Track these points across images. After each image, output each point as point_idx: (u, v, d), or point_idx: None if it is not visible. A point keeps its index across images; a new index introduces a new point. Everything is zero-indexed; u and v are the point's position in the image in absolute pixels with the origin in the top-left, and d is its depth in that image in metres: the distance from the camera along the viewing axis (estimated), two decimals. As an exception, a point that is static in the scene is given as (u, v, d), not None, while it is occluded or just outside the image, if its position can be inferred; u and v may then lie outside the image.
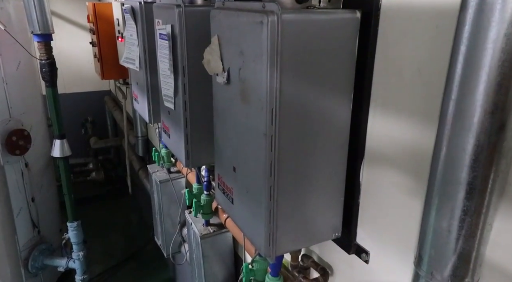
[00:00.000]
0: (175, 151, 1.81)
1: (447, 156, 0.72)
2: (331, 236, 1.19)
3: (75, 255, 3.22)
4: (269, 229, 1.06)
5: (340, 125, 1.05)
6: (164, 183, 2.73)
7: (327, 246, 1.35)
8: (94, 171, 5.91)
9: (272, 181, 1.01)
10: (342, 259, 1.28)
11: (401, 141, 0.98)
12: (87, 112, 6.16)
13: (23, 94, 3.11)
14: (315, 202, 1.11)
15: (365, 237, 1.17)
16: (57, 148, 2.85)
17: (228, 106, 1.17)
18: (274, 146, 0.98)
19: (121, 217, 5.33)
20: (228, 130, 1.20)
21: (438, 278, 0.79)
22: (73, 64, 6.21)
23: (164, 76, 1.73)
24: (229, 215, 1.31)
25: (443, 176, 0.74)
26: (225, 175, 1.27)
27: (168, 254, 2.92)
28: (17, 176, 3.08)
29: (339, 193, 1.14)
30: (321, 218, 1.14)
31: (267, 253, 1.09)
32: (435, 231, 0.78)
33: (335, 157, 1.09)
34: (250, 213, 1.13)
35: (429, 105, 0.88)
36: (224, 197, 1.30)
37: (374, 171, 1.09)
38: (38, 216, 3.37)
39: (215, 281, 2.17)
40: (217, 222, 2.13)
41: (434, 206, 0.77)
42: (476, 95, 0.65)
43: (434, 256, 0.79)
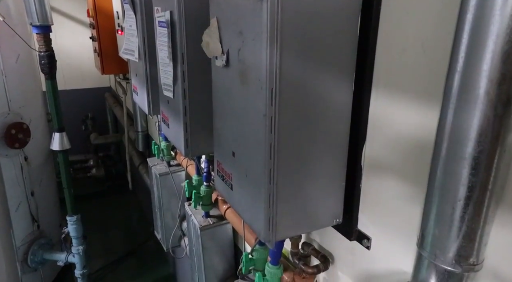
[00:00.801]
0: (174, 141, 1.79)
1: (452, 131, 0.70)
2: (332, 222, 1.17)
3: (75, 249, 3.21)
4: (268, 213, 1.04)
5: (341, 107, 1.03)
6: (163, 176, 2.71)
7: (327, 233, 1.33)
8: (94, 167, 5.90)
9: (272, 163, 0.99)
10: (343, 246, 1.26)
11: (405, 122, 0.96)
12: (88, 109, 6.15)
13: (22, 88, 3.09)
14: (316, 187, 1.09)
15: (366, 223, 1.15)
16: (56, 141, 2.83)
17: (227, 90, 1.15)
18: (273, 127, 0.96)
19: (121, 213, 5.32)
20: (227, 115, 1.18)
21: (442, 258, 0.77)
22: (74, 61, 6.20)
23: (163, 64, 1.71)
24: (228, 201, 1.29)
25: (448, 152, 0.72)
26: (224, 161, 1.25)
27: (168, 248, 2.90)
28: (17, 169, 3.07)
29: (340, 177, 1.12)
30: (321, 203, 1.12)
31: (266, 237, 1.07)
32: (439, 209, 0.76)
33: (336, 139, 1.07)
34: (250, 198, 1.11)
35: (434, 83, 0.86)
36: (224, 183, 1.28)
37: (376, 154, 1.07)
38: (37, 210, 3.36)
39: (214, 273, 2.15)
40: (217, 214, 2.11)
41: (438, 183, 0.75)
42: (482, 65, 0.63)
43: (438, 235, 0.77)
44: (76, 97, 6.19)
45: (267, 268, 1.37)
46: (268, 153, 0.98)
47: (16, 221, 3.16)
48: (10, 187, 3.04)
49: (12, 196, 3.08)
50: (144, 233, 4.66)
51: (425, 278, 0.82)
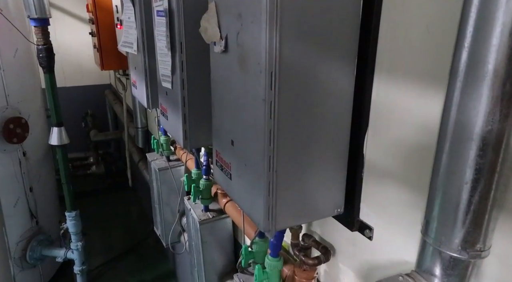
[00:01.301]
0: (173, 133, 1.77)
1: (458, 111, 0.67)
2: (333, 212, 1.14)
3: (74, 245, 3.18)
4: (268, 202, 1.01)
5: (343, 92, 1.00)
6: (163, 170, 2.68)
7: (328, 224, 1.30)
8: (94, 165, 5.88)
9: (271, 150, 0.96)
10: (344, 237, 1.23)
11: (409, 107, 0.93)
12: (88, 106, 6.12)
13: (21, 82, 3.07)
14: (317, 175, 1.06)
15: (368, 213, 1.12)
16: (54, 135, 2.81)
17: (226, 76, 1.12)
18: (273, 112, 0.93)
19: (121, 211, 5.30)
20: (226, 102, 1.15)
21: (447, 245, 0.74)
22: (74, 58, 6.18)
23: (161, 55, 1.69)
24: (227, 192, 1.26)
25: (454, 133, 0.69)
26: (223, 150, 1.22)
27: (168, 243, 2.87)
28: (15, 165, 3.05)
29: (341, 166, 1.09)
30: (322, 193, 1.10)
31: (266, 227, 1.04)
32: (445, 193, 0.73)
33: (337, 126, 1.04)
34: (249, 187, 1.08)
35: (439, 66, 0.83)
36: (222, 173, 1.26)
37: (379, 142, 1.05)
38: (36, 207, 3.34)
39: (214, 268, 2.12)
40: (216, 208, 2.09)
41: (443, 166, 0.72)
42: (492, 39, 0.60)
43: (443, 221, 0.74)
44: (76, 95, 6.18)
45: (267, 260, 1.35)
46: (268, 139, 0.96)
47: (15, 216, 3.14)
48: (8, 182, 3.02)
49: (11, 191, 3.06)
50: (144, 230, 4.64)
51: (430, 267, 0.80)
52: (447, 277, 0.76)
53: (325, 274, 1.37)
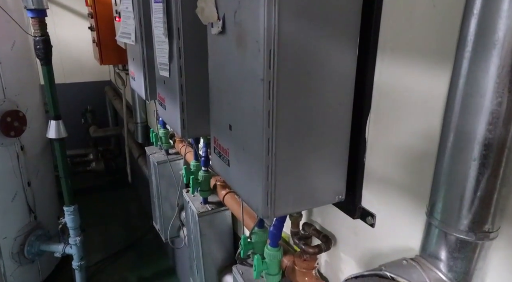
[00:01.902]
0: (171, 122, 1.73)
1: (466, 82, 0.64)
2: (334, 199, 1.11)
3: (72, 240, 3.15)
4: (267, 187, 0.98)
5: (345, 72, 0.97)
6: (162, 164, 2.65)
7: (329, 213, 1.27)
8: (94, 161, 5.85)
9: (270, 132, 0.93)
10: (345, 226, 1.20)
11: (413, 88, 0.90)
12: (87, 103, 6.10)
13: (18, 76, 3.04)
14: (317, 160, 1.03)
15: (371, 199, 1.09)
16: (52, 129, 2.78)
17: (224, 58, 1.09)
18: (272, 92, 0.90)
19: (120, 207, 5.28)
20: (224, 85, 1.11)
21: (454, 226, 0.71)
22: (73, 54, 6.15)
23: (159, 43, 1.66)
24: (225, 179, 1.23)
25: (462, 107, 0.66)
26: (221, 136, 1.19)
27: (167, 238, 2.84)
28: (13, 158, 3.02)
29: (343, 150, 1.06)
30: (323, 178, 1.06)
31: (265, 214, 1.01)
32: (451, 171, 0.69)
33: (338, 109, 1.01)
34: (247, 172, 1.05)
35: (445, 42, 0.79)
36: (220, 160, 1.22)
37: (382, 125, 1.01)
38: (34, 201, 3.31)
39: (213, 261, 2.09)
40: (215, 200, 2.05)
41: (450, 142, 0.69)
42: (502, 5, 0.57)
43: (450, 201, 0.70)
44: (76, 91, 6.15)
45: (266, 250, 1.31)
46: (267, 121, 0.92)
47: (12, 211, 3.11)
48: (6, 176, 2.99)
49: (8, 186, 3.03)
50: (143, 226, 4.61)
51: (435, 250, 0.76)
52: (454, 260, 0.73)
53: (326, 264, 1.34)
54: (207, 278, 2.12)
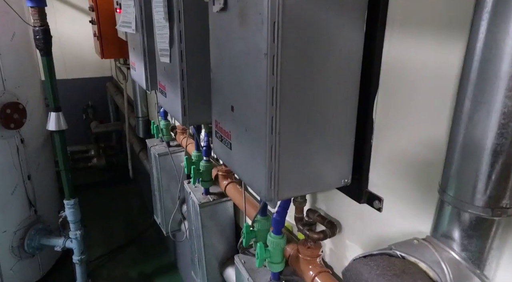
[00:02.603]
0: (172, 110, 1.70)
1: (485, 46, 0.60)
2: (340, 182, 1.07)
3: (72, 234, 3.13)
4: (270, 168, 0.94)
5: (351, 48, 0.93)
6: (163, 156, 2.61)
7: (333, 199, 1.23)
8: (95, 157, 5.82)
9: (274, 110, 0.90)
10: (351, 212, 1.16)
11: (424, 64, 0.86)
12: (89, 99, 6.07)
13: (18, 67, 3.01)
14: (322, 141, 0.99)
15: (378, 183, 1.05)
16: (52, 120, 2.75)
17: (226, 37, 1.05)
18: (276, 68, 0.86)
19: (122, 203, 5.25)
20: (226, 65, 1.08)
21: (469, 201, 0.67)
22: (75, 50, 6.12)
23: (159, 28, 1.62)
24: (228, 164, 1.19)
25: (479, 73, 0.62)
26: (223, 119, 1.16)
27: (168, 231, 2.81)
28: (12, 151, 2.99)
29: (349, 131, 1.02)
30: (328, 161, 1.02)
31: (268, 196, 0.97)
32: (466, 143, 0.65)
33: (345, 88, 0.97)
34: (250, 154, 1.01)
35: (458, 12, 0.75)
36: (222, 144, 1.19)
37: (390, 105, 0.97)
38: (34, 195, 3.28)
39: (214, 253, 2.05)
40: (217, 191, 2.02)
41: (466, 112, 0.65)
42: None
43: (464, 175, 0.67)
44: (77, 87, 6.12)
45: (269, 237, 1.28)
46: (270, 98, 0.89)
47: (12, 204, 3.08)
48: (5, 169, 2.96)
49: (8, 178, 3.01)
50: (144, 221, 4.58)
51: (448, 230, 0.72)
52: (468, 238, 0.69)
53: (331, 252, 1.30)
54: (209, 271, 2.09)
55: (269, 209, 1.48)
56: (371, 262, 0.68)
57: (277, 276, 1.35)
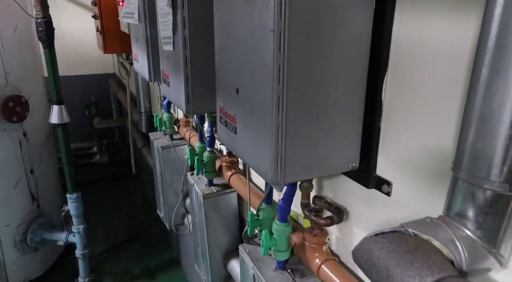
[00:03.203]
0: (175, 99, 1.68)
1: (504, 10, 0.57)
2: (347, 166, 1.04)
3: (75, 228, 3.11)
4: (277, 150, 0.92)
5: (360, 27, 0.91)
6: (166, 149, 2.59)
7: (340, 186, 1.20)
8: (98, 154, 5.82)
9: (280, 90, 0.87)
10: (358, 198, 1.14)
11: (435, 41, 0.83)
12: (92, 95, 6.06)
13: (21, 61, 3.00)
14: (329, 124, 0.97)
15: (386, 167, 1.03)
16: (55, 113, 2.73)
17: (231, 16, 1.03)
18: (282, 45, 0.84)
19: (124, 199, 5.24)
20: (231, 45, 1.05)
21: (485, 177, 0.64)
22: (77, 46, 6.11)
23: (162, 15, 1.60)
24: (232, 150, 1.17)
25: (497, 40, 0.59)
26: (228, 102, 1.13)
27: (171, 225, 2.78)
28: (15, 145, 2.98)
29: (357, 114, 1.00)
30: (336, 144, 1.00)
31: (274, 179, 0.95)
32: (483, 115, 0.63)
33: (353, 67, 0.94)
34: (256, 137, 0.99)
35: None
36: (227, 130, 1.17)
37: (400, 85, 0.95)
38: (37, 189, 3.27)
39: (218, 246, 2.03)
40: (221, 183, 2.00)
41: (482, 83, 0.62)
42: None
43: (481, 147, 0.64)
44: (80, 84, 6.10)
45: (275, 225, 1.25)
46: (277, 77, 0.86)
47: (15, 198, 3.07)
48: (8, 162, 2.95)
49: (11, 172, 2.99)
50: (147, 217, 4.57)
51: (462, 208, 0.70)
52: (483, 215, 0.66)
53: (337, 241, 1.28)
54: (212, 263, 2.07)
55: (274, 199, 1.45)
56: (382, 239, 0.66)
57: (282, 265, 1.33)
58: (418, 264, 0.59)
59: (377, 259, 0.63)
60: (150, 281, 3.69)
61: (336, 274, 1.15)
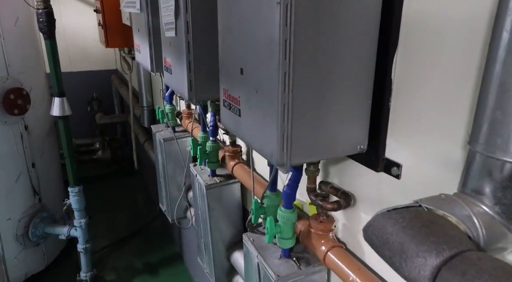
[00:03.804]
0: (177, 86, 1.65)
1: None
2: (355, 148, 1.01)
3: (77, 222, 3.09)
4: (283, 129, 0.89)
5: (369, 1, 0.87)
6: (168, 141, 2.56)
7: (347, 171, 1.17)
8: (100, 150, 5.80)
9: (287, 66, 0.84)
10: (366, 183, 1.10)
11: (449, 12, 0.80)
12: (94, 91, 6.04)
13: (22, 53, 2.97)
14: (337, 103, 0.94)
15: (396, 148, 0.99)
16: (56, 106, 2.71)
17: (235, -7, 0.99)
18: (289, 18, 0.80)
19: (127, 195, 5.23)
20: (235, 22, 1.02)
21: (504, 148, 0.61)
22: (79, 43, 6.10)
23: (164, 1, 1.57)
24: (237, 133, 1.14)
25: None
26: (232, 84, 1.10)
27: (173, 218, 2.76)
28: (16, 138, 2.95)
29: (365, 93, 0.97)
30: (344, 125, 0.97)
31: (280, 160, 0.92)
32: (503, 82, 0.59)
33: (362, 43, 0.91)
34: (261, 116, 0.96)
35: None
36: (231, 113, 1.13)
37: (411, 63, 0.91)
38: (39, 183, 3.25)
39: (221, 237, 2.00)
40: (224, 173, 1.97)
41: (502, 47, 0.59)
42: None
43: (500, 119, 0.60)
44: (82, 80, 6.09)
45: (280, 212, 1.22)
46: (283, 52, 0.83)
47: (17, 192, 3.05)
48: (9, 155, 2.93)
49: (12, 165, 2.97)
50: (149, 213, 4.54)
51: (479, 183, 0.66)
52: (502, 190, 0.63)
53: (344, 228, 1.24)
54: (215, 255, 2.04)
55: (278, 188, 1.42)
56: (396, 215, 0.62)
57: (287, 253, 1.30)
58: (434, 238, 0.56)
59: (390, 235, 0.60)
60: (153, 276, 3.67)
61: (343, 261, 1.12)
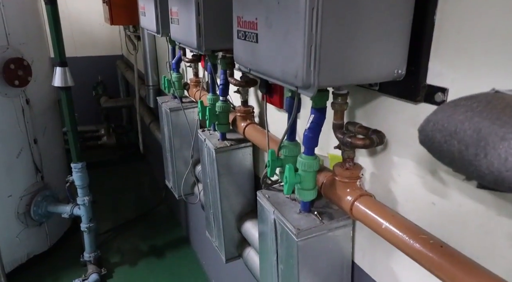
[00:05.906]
0: (185, 36, 1.52)
1: None
2: (392, 73, 0.88)
3: (80, 200, 2.98)
4: (310, 41, 0.76)
5: None
6: (175, 111, 2.43)
7: (376, 109, 1.03)
8: (105, 136, 5.71)
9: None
10: (401, 119, 0.96)
11: None
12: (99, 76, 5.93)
13: (23, 22, 2.86)
14: (373, 17, 0.80)
15: (441, 72, 0.85)
16: (58, 76, 2.59)
17: None
18: None
19: (132, 181, 5.13)
20: None
21: None
22: (85, 27, 6.01)
23: None
24: (253, 65, 1.01)
25: None
26: (247, 8, 0.97)
27: (180, 194, 2.63)
28: (17, 111, 2.84)
29: (405, 6, 0.83)
30: (379, 43, 0.83)
31: (306, 80, 0.79)
32: None
33: None
34: (283, 32, 0.82)
35: None
36: (245, 43, 1.01)
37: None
38: (41, 160, 3.14)
39: (231, 206, 1.86)
40: (234, 137, 1.83)
41: None
42: None
43: None
44: (87, 65, 5.99)
45: (300, 159, 1.08)
46: None
47: (18, 168, 2.95)
48: (10, 129, 2.82)
49: (14, 140, 2.87)
50: (156, 198, 4.44)
51: None
52: None
53: (372, 178, 1.10)
54: (225, 227, 1.91)
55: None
56: (466, 101, 0.49)
57: (307, 207, 1.16)
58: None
59: (461, 123, 0.46)
60: (158, 258, 3.56)
61: (374, 209, 0.98)
